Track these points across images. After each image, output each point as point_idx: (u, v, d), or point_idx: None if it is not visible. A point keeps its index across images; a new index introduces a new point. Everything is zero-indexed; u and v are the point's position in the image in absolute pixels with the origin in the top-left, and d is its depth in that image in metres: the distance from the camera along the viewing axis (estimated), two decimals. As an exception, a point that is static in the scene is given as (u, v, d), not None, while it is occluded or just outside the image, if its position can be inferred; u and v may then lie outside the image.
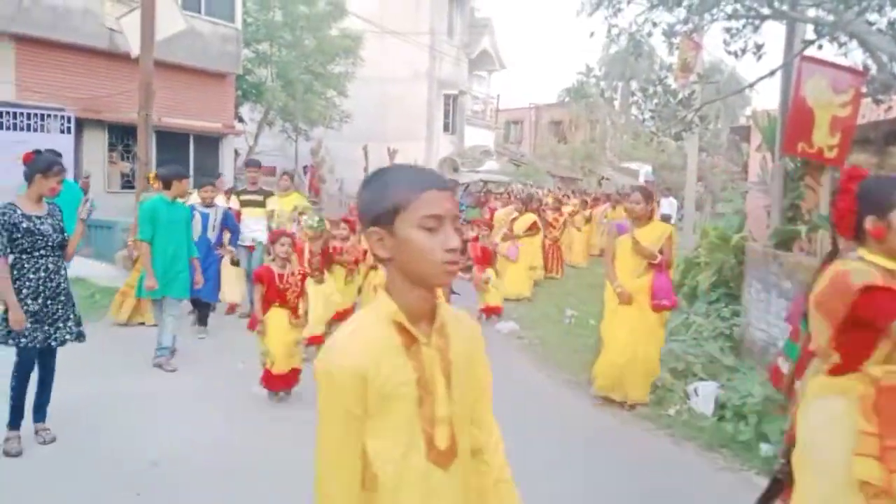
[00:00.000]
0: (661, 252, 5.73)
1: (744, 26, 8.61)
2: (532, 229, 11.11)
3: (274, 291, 5.62)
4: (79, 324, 4.66)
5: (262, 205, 8.77)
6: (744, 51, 8.34)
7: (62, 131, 13.16)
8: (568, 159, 37.15)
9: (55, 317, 4.49)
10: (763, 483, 4.49)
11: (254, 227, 8.64)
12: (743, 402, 5.30)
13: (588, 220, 15.75)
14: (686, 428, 5.37)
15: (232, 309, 8.86)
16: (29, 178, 4.42)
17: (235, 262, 8.42)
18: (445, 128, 29.41)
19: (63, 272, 4.58)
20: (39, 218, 4.40)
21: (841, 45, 7.61)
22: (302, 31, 21.38)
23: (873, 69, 7.04)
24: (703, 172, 30.22)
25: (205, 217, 7.78)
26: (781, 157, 7.97)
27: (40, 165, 4.42)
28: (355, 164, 22.73)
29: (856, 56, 7.83)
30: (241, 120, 21.31)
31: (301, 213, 8.81)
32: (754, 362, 6.71)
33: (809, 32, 7.84)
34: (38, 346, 4.41)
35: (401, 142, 22.92)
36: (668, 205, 24.18)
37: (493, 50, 32.49)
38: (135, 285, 7.22)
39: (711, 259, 9.41)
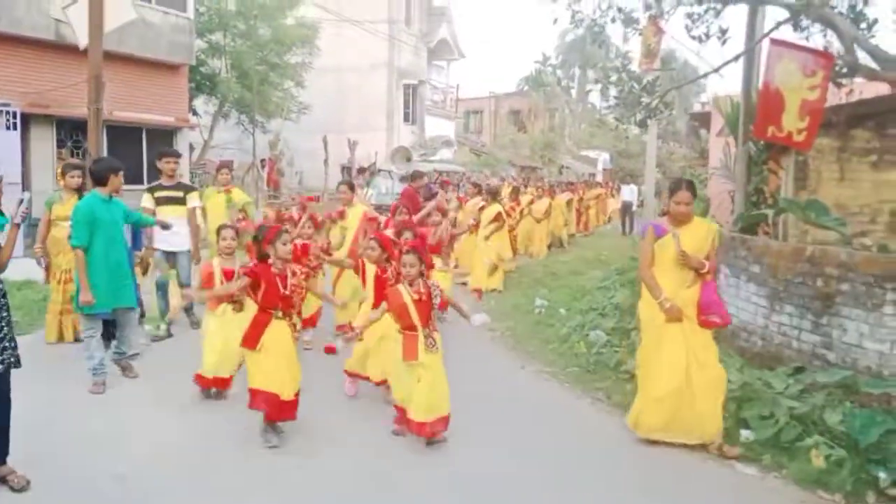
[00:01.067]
0: (706, 258, 4.77)
1: (706, 11, 8.63)
2: (497, 220, 11.02)
3: (274, 295, 4.69)
4: (16, 347, 3.96)
5: (181, 202, 7.52)
6: (707, 35, 8.38)
7: (8, 127, 12.61)
8: (528, 148, 37.27)
9: None
10: (745, 469, 4.49)
11: (175, 229, 7.22)
12: (720, 388, 5.27)
13: (547, 210, 15.36)
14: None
15: None
16: None
17: (145, 271, 7.37)
18: (406, 118, 29.18)
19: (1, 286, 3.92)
20: None
21: (803, 29, 7.68)
22: (256, 21, 20.92)
23: (836, 53, 7.11)
24: (661, 159, 30.56)
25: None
26: (745, 142, 8.02)
27: None
28: (315, 156, 22.42)
29: (816, 40, 7.91)
30: (195, 113, 20.77)
31: (241, 211, 8.37)
32: (727, 347, 6.72)
33: (770, 19, 7.90)
34: None
35: (361, 133, 22.67)
36: (629, 192, 24.42)
37: (452, 39, 32.34)
38: (66, 301, 6.53)
39: (678, 245, 9.43)
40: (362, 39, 25.25)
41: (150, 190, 7.59)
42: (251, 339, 4.63)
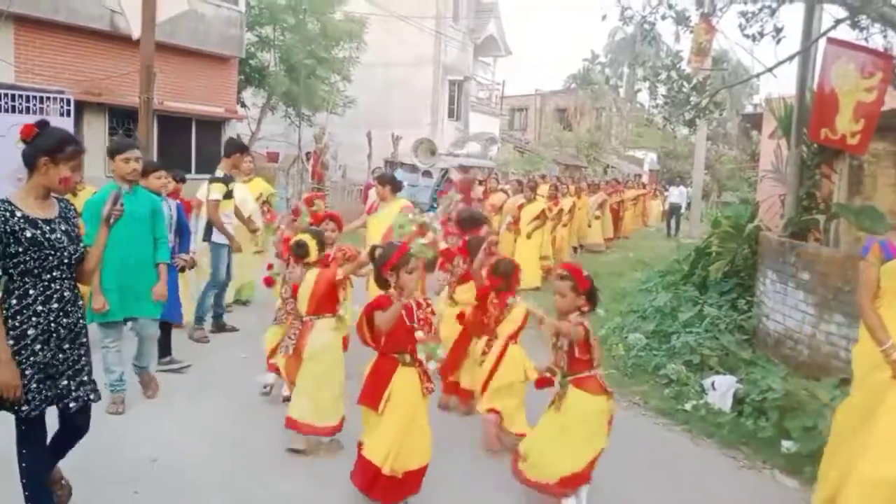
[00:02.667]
0: None
1: (760, 10, 8.38)
2: (540, 218, 10.91)
3: (401, 335, 3.62)
4: (94, 380, 3.33)
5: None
6: (761, 34, 8.13)
7: (62, 114, 12.93)
8: (573, 147, 36.90)
9: (74, 367, 3.19)
10: (786, 482, 4.34)
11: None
12: (763, 396, 5.13)
13: (570, 210, 13.57)
14: (704, 424, 5.21)
15: None
16: (30, 162, 3.05)
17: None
18: (450, 114, 29.15)
19: (81, 301, 3.28)
20: (48, 223, 3.05)
21: (862, 29, 7.40)
22: (305, 15, 21.09)
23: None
24: (709, 161, 29.98)
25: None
26: (798, 145, 7.77)
27: (47, 143, 3.03)
28: (359, 150, 22.52)
29: (875, 40, 7.61)
30: (243, 105, 21.07)
31: (265, 203, 8.07)
32: (771, 354, 6.53)
33: (827, 18, 7.62)
34: (44, 409, 3.11)
35: (405, 128, 22.68)
36: (678, 194, 23.93)
37: (499, 36, 32.17)
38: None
39: (724, 248, 9.21)
40: (409, 35, 25.28)
41: (224, 181, 7.46)
42: (372, 394, 3.58)
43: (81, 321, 3.23)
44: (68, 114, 13.05)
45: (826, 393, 5.30)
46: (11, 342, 2.95)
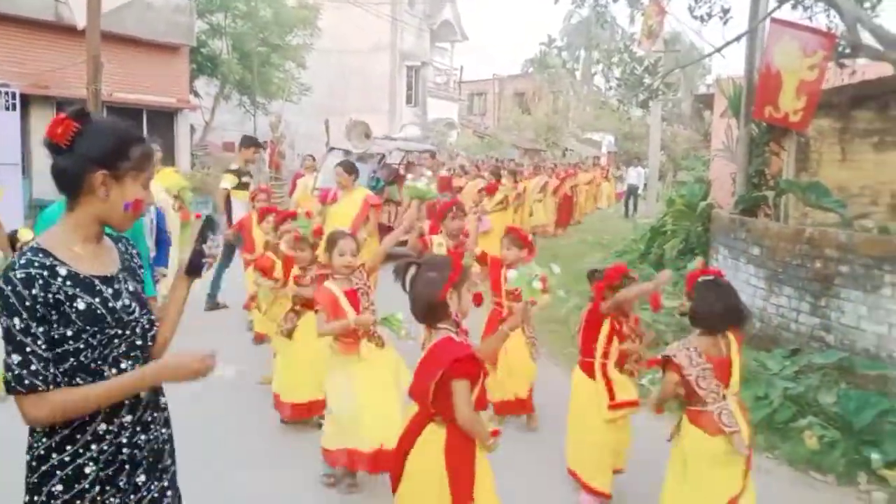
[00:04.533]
0: None
1: (709, -9, 8.54)
2: (503, 203, 10.95)
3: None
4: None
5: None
6: (710, 15, 8.30)
7: (7, 108, 12.57)
8: (532, 131, 37.09)
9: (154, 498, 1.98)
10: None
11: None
12: (716, 369, 5.26)
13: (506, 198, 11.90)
14: (660, 397, 5.33)
15: None
16: (75, 182, 1.79)
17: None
18: (408, 100, 29.04)
19: (164, 400, 2.05)
20: (109, 282, 1.85)
21: (806, 8, 7.59)
22: (257, 2, 20.77)
23: (839, 32, 7.03)
24: (665, 142, 30.42)
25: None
26: (747, 123, 7.96)
27: (100, 147, 1.80)
28: (316, 139, 22.31)
29: (820, 20, 7.82)
30: (196, 94, 20.68)
31: (176, 198, 7.05)
32: (724, 329, 6.71)
33: (773, -2, 7.80)
34: None
35: (362, 115, 22.38)
36: (636, 175, 24.20)
37: (455, 21, 32.10)
38: None
39: (678, 227, 9.43)
40: (364, 21, 25.06)
41: (235, 173, 7.97)
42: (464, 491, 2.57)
43: (166, 432, 2.04)
44: (14, 107, 12.68)
45: (776, 363, 5.48)
46: (59, 488, 1.76)
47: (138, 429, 1.88)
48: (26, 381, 1.67)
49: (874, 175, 8.33)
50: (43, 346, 1.69)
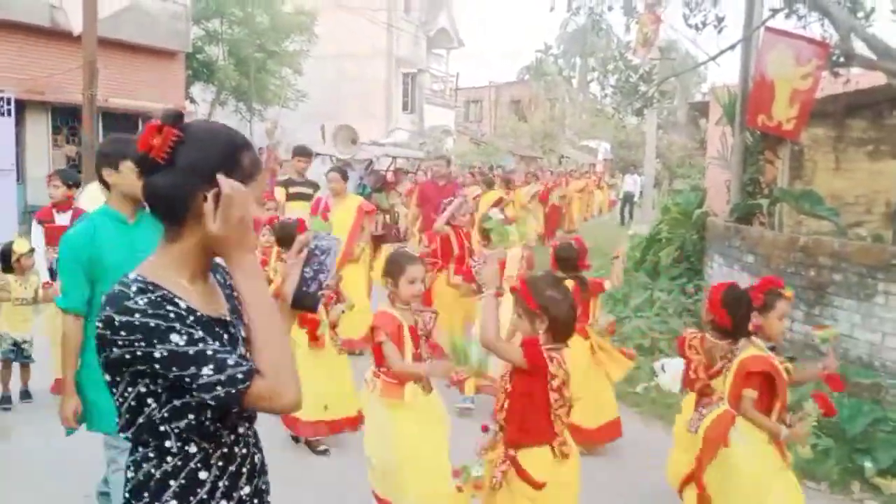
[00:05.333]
0: None
1: (703, 0, 8.58)
2: (497, 206, 10.93)
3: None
4: None
5: (310, 198, 7.17)
6: (704, 24, 8.33)
7: (2, 114, 12.55)
8: (528, 138, 37.15)
9: None
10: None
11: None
12: (710, 377, 5.26)
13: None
14: (654, 406, 5.33)
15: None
16: (178, 202, 1.41)
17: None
18: (404, 107, 29.08)
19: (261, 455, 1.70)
20: (225, 326, 1.52)
21: (800, 17, 7.62)
22: (253, 8, 20.80)
23: (832, 41, 7.06)
24: (661, 149, 30.50)
25: None
26: (742, 132, 7.98)
27: (209, 158, 1.41)
28: (312, 145, 22.32)
29: (814, 29, 7.85)
30: (192, 100, 20.69)
31: None
32: (719, 337, 6.72)
33: (768, 7, 7.83)
34: None
35: (359, 121, 22.48)
36: (632, 182, 24.22)
37: (452, 27, 32.17)
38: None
39: (673, 235, 9.43)
40: (361, 27, 25.11)
41: (283, 184, 7.54)
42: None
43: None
44: (9, 113, 12.67)
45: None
46: None
47: (256, 501, 1.57)
48: (241, 376, 1.32)
49: (868, 184, 8.36)
50: (219, 344, 1.36)
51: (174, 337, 1.30)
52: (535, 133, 37.41)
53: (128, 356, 1.31)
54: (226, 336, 1.46)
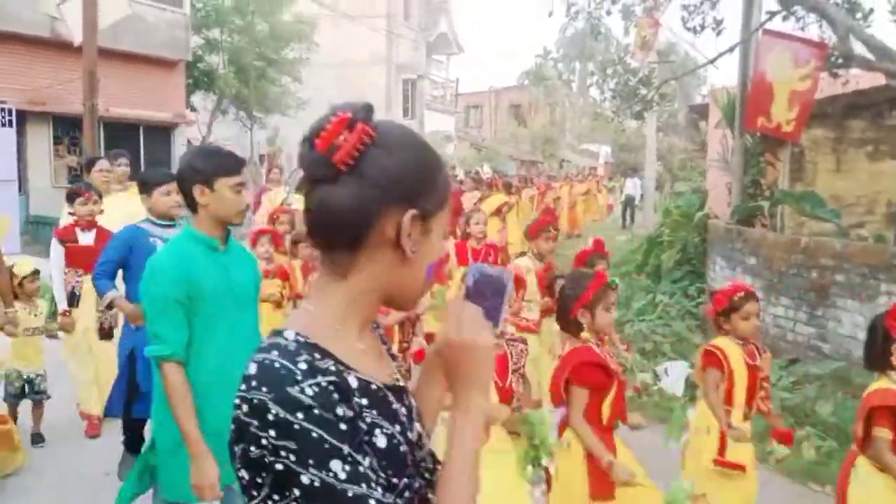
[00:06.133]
0: None
1: (702, 3, 8.60)
2: (501, 211, 10.93)
3: (620, 396, 2.96)
4: None
5: None
6: (702, 27, 8.34)
7: (3, 124, 12.62)
8: (528, 143, 37.19)
9: None
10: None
11: None
12: (713, 380, 5.26)
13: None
14: (657, 409, 5.32)
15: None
16: (360, 227, 1.05)
17: None
18: (405, 113, 29.12)
19: None
20: (400, 394, 1.13)
21: (798, 19, 7.64)
22: (253, 16, 20.85)
23: (831, 43, 7.06)
24: (661, 152, 30.50)
25: None
26: (742, 134, 7.99)
27: (407, 170, 1.08)
28: (314, 152, 22.36)
29: (812, 30, 7.87)
30: (193, 109, 20.73)
31: None
32: (721, 340, 6.70)
33: (766, 9, 7.85)
34: None
35: (359, 128, 22.60)
36: (632, 185, 24.24)
37: (451, 33, 32.24)
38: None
39: (675, 237, 9.43)
40: (360, 34, 25.17)
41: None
42: (604, 486, 2.71)
43: None
44: (10, 123, 12.73)
45: (773, 374, 5.46)
46: None
47: None
48: None
49: (869, 184, 8.35)
50: (382, 484, 0.99)
51: (335, 465, 0.94)
52: (536, 138, 37.45)
53: (269, 460, 0.95)
54: (403, 410, 1.10)
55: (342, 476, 0.94)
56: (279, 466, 0.94)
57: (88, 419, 4.71)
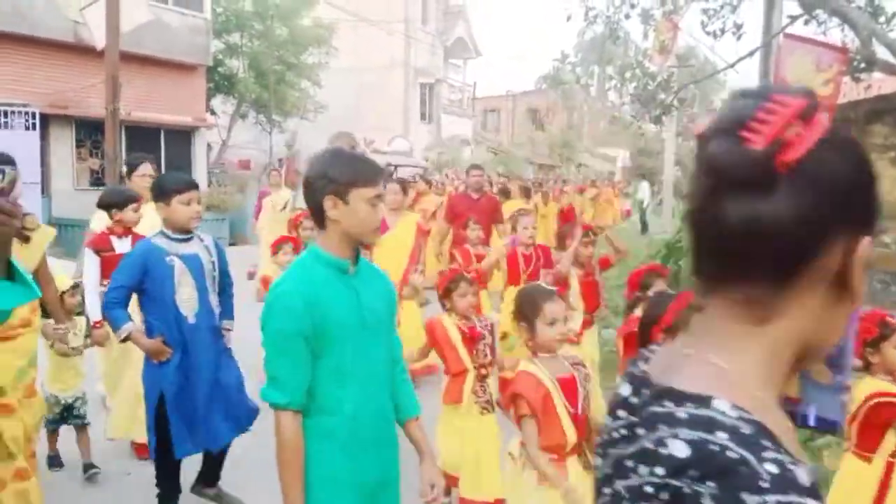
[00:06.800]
0: None
1: (722, 7, 8.55)
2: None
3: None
4: None
5: None
6: (722, 31, 8.29)
7: (27, 128, 12.79)
8: (546, 147, 37.13)
9: None
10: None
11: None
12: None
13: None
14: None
15: None
16: (791, 258, 0.76)
17: None
18: (422, 117, 29.20)
19: None
20: None
21: (820, 23, 7.57)
22: (273, 21, 21.03)
23: (853, 47, 6.99)
24: (681, 156, 30.32)
25: (194, 262, 3.43)
26: (762, 139, 7.92)
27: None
28: (332, 156, 22.44)
29: (834, 34, 7.79)
30: (213, 113, 20.94)
31: None
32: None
33: (787, 13, 7.79)
34: None
35: (377, 132, 22.71)
36: (641, 190, 24.07)
37: (469, 37, 32.30)
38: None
39: (694, 243, 9.35)
40: (379, 39, 25.30)
41: None
42: None
43: None
44: (34, 127, 12.90)
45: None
46: None
47: None
48: None
49: (892, 190, 8.23)
50: None
51: None
52: (553, 142, 37.38)
53: None
54: None
55: None
56: None
57: (134, 445, 4.34)
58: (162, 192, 3.34)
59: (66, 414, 4.04)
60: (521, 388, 2.54)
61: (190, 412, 3.30)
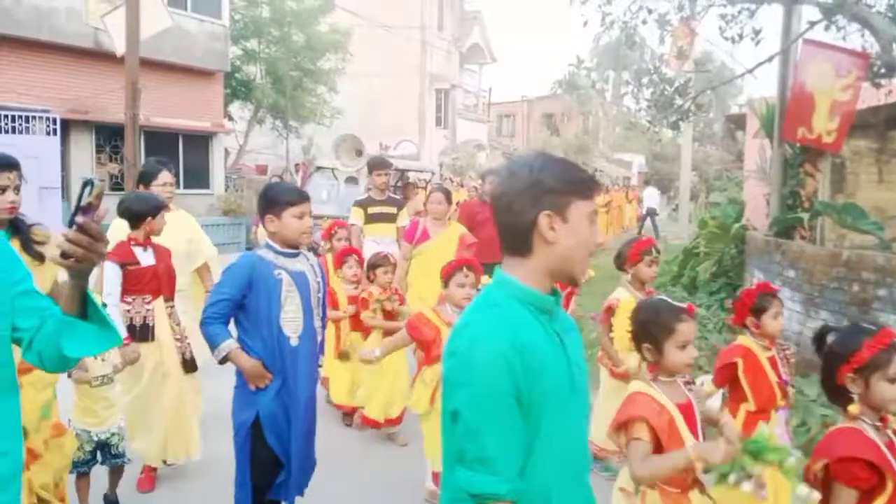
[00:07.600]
0: None
1: (740, 12, 8.50)
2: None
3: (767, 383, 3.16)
4: None
5: (393, 219, 6.26)
6: (741, 36, 8.24)
7: (48, 133, 12.95)
8: (561, 152, 37.06)
9: None
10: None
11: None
12: (751, 395, 5.17)
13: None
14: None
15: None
16: None
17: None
18: (437, 122, 29.27)
19: None
20: None
21: (840, 28, 7.51)
22: (290, 27, 21.19)
23: (873, 52, 6.94)
24: (697, 162, 30.16)
25: (301, 280, 3.07)
26: (780, 144, 7.87)
27: None
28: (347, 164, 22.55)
29: (854, 40, 7.73)
30: (230, 118, 21.12)
31: None
32: (759, 353, 6.59)
33: (805, 18, 7.75)
34: None
35: (393, 137, 22.74)
36: (649, 196, 23.67)
37: (484, 43, 32.37)
38: None
39: (711, 249, 9.30)
40: (395, 44, 25.40)
41: (361, 205, 6.25)
42: None
43: None
44: (54, 132, 13.06)
45: (814, 389, 5.35)
46: None
47: None
48: None
49: (912, 196, 8.16)
50: None
51: None
52: (568, 147, 37.29)
53: None
54: None
55: None
56: None
57: (146, 470, 3.97)
58: (273, 204, 2.95)
59: (101, 453, 3.45)
60: (643, 411, 2.18)
61: (286, 448, 2.96)
